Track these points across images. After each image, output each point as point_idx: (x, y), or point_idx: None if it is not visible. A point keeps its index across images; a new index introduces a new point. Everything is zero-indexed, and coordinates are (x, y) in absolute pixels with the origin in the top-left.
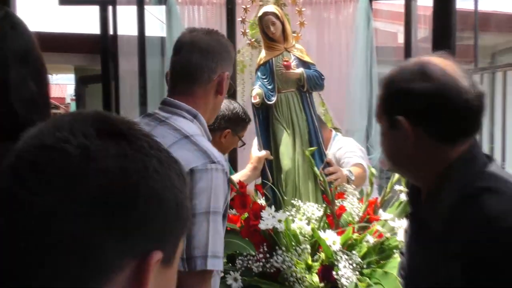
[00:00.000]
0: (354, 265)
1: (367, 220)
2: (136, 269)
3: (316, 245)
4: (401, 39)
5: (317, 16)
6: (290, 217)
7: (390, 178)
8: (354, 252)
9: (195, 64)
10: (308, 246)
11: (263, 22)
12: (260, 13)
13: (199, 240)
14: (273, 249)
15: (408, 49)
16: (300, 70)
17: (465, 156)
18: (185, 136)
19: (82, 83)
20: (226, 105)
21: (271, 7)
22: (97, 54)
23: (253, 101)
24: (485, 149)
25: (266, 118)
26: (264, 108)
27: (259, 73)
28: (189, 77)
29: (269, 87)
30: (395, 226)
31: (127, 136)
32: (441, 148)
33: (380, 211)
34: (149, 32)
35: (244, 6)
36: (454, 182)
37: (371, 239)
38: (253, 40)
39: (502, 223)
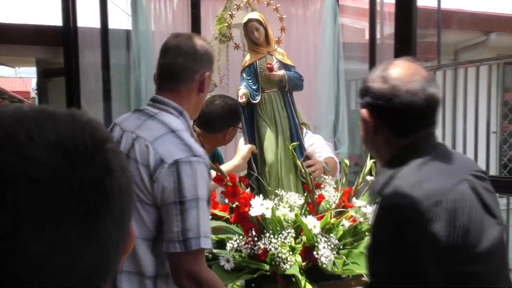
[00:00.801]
0: (332, 246)
1: (342, 206)
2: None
3: (299, 229)
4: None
5: (285, 11)
6: (275, 205)
7: (357, 172)
8: (331, 235)
9: (180, 65)
10: (293, 230)
11: (248, 27)
12: (245, 20)
13: (192, 224)
14: (261, 233)
15: (372, 46)
16: (282, 72)
17: (408, 147)
18: (171, 131)
19: (44, 76)
20: (220, 105)
21: (255, 14)
22: (59, 47)
23: (240, 100)
24: (448, 140)
25: (251, 116)
26: (249, 107)
27: (244, 74)
28: (175, 76)
29: (254, 87)
30: (367, 211)
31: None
32: (393, 138)
33: (354, 199)
34: (114, 24)
35: (230, 12)
36: (388, 167)
37: (346, 223)
38: (238, 44)
39: (386, 202)
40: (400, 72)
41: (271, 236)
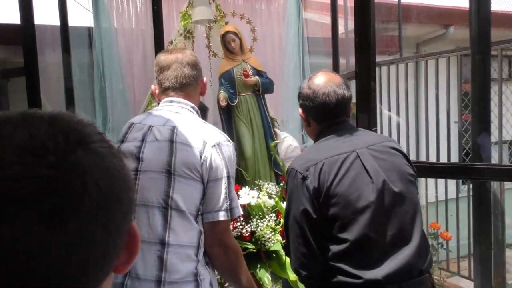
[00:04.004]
0: None
1: None
2: (128, 242)
3: (276, 213)
4: None
5: (249, 7)
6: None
7: None
8: None
9: (187, 74)
10: (274, 215)
11: (225, 38)
12: (222, 32)
13: (233, 195)
14: (247, 218)
15: (335, 40)
16: (256, 78)
17: (324, 129)
18: (203, 122)
19: (4, 76)
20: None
21: (231, 27)
22: (19, 46)
23: (222, 104)
24: (412, 129)
25: (229, 116)
26: (228, 109)
27: (222, 80)
28: (184, 84)
29: (231, 91)
30: None
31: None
32: (317, 126)
33: None
34: (75, 22)
35: (208, 25)
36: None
37: None
38: (216, 50)
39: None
40: (319, 80)
41: (258, 221)
